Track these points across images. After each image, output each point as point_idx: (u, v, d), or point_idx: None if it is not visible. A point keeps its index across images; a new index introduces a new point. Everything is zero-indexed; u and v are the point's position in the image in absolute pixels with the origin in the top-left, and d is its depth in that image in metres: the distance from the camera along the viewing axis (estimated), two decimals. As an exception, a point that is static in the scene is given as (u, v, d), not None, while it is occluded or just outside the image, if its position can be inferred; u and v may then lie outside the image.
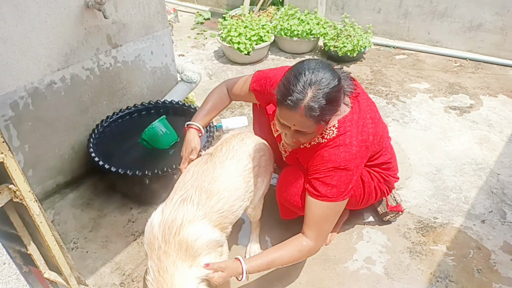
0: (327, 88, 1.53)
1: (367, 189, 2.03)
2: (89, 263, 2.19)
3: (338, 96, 1.61)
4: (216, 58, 4.37)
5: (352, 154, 1.73)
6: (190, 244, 1.58)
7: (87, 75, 2.53)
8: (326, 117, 1.60)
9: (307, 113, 1.54)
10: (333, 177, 1.72)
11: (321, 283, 2.05)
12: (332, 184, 1.73)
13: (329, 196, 1.73)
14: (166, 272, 1.53)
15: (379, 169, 2.05)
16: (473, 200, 2.49)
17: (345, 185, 1.74)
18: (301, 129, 1.63)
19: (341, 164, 1.72)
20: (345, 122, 1.76)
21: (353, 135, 1.75)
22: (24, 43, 2.12)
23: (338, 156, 1.73)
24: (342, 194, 1.75)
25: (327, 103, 1.54)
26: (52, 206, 2.54)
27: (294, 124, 1.61)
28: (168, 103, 2.83)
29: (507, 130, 3.09)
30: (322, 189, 1.74)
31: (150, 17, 2.77)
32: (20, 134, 2.30)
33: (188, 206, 1.67)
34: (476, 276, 2.06)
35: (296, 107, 1.54)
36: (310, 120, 1.56)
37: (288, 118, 1.61)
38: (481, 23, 3.97)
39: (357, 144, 1.74)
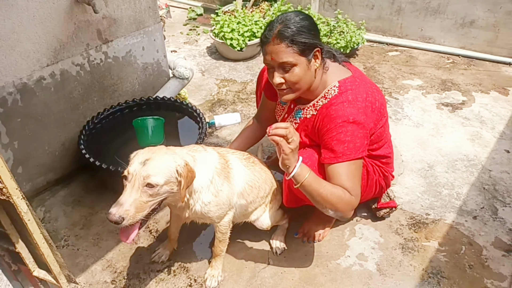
0: (296, 18, 1.72)
1: (370, 181, 2.03)
2: (80, 261, 2.17)
3: (309, 25, 1.74)
4: (208, 54, 4.34)
5: (358, 108, 1.75)
6: None
7: (77, 71, 2.50)
8: (298, 40, 1.69)
9: (278, 38, 1.69)
10: (347, 132, 1.73)
11: (313, 279, 2.04)
12: (347, 140, 1.73)
13: (347, 153, 1.73)
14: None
15: (380, 163, 2.07)
16: (465, 196, 2.50)
17: (360, 140, 1.74)
18: (279, 58, 1.71)
19: (349, 118, 1.73)
20: (346, 82, 1.82)
21: (357, 93, 1.79)
22: (12, 38, 2.09)
23: (345, 110, 1.75)
24: (359, 149, 1.75)
25: (297, 29, 1.69)
26: (43, 203, 2.51)
27: (272, 57, 1.73)
28: (160, 100, 2.81)
29: (499, 127, 3.10)
30: (339, 148, 1.74)
31: (141, 12, 2.74)
32: (9, 130, 2.26)
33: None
34: (468, 272, 2.06)
35: (269, 38, 1.72)
36: (282, 44, 1.69)
37: (266, 53, 1.75)
38: (474, 20, 3.98)
39: (362, 101, 1.77)
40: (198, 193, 1.76)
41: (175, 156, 1.63)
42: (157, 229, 2.34)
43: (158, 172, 1.54)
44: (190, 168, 1.63)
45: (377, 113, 1.83)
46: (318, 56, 1.79)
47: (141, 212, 1.54)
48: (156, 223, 2.37)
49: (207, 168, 1.78)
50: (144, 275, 2.09)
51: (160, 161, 1.57)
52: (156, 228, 2.34)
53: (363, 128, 1.75)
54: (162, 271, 2.10)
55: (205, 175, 1.76)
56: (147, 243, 2.26)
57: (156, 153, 1.60)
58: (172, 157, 1.61)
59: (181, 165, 1.60)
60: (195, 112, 2.69)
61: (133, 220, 1.52)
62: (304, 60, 1.74)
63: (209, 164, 1.80)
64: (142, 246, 2.24)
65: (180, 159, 1.63)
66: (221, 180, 1.82)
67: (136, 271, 2.11)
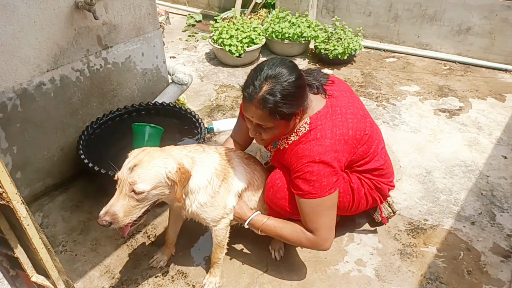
0: (284, 83, 1.62)
1: (357, 195, 2.00)
2: (78, 266, 2.16)
3: (297, 92, 1.68)
4: (207, 60, 4.36)
5: (325, 146, 1.73)
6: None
7: (77, 77, 2.51)
8: (281, 110, 1.64)
9: (261, 104, 1.63)
10: (312, 173, 1.72)
11: (312, 285, 2.04)
12: (312, 179, 1.73)
13: (313, 192, 1.73)
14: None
15: (371, 175, 2.02)
16: (462, 202, 2.51)
17: (326, 179, 1.73)
18: (259, 121, 1.71)
19: (315, 158, 1.72)
20: (317, 118, 1.79)
21: (326, 129, 1.76)
22: (12, 43, 2.10)
23: (311, 150, 1.74)
24: (326, 188, 1.74)
25: (283, 97, 1.62)
26: (41, 208, 2.51)
27: (252, 116, 1.70)
28: (159, 105, 2.81)
29: (496, 133, 3.12)
30: (304, 186, 1.75)
31: (141, 19, 2.76)
32: (9, 135, 2.26)
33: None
34: (466, 277, 2.07)
35: (252, 99, 1.64)
36: (264, 112, 1.65)
37: (247, 110, 1.71)
38: (470, 27, 4.01)
39: (331, 137, 1.75)
40: (195, 193, 1.77)
41: (167, 160, 1.62)
42: (155, 234, 2.34)
43: (145, 179, 1.55)
44: (184, 170, 1.64)
45: (351, 143, 1.81)
46: (299, 114, 1.77)
47: (129, 215, 1.56)
48: (154, 229, 2.37)
49: (206, 169, 1.79)
50: (142, 280, 2.08)
51: (148, 167, 1.57)
52: (155, 234, 2.34)
53: (330, 167, 1.74)
54: (160, 277, 2.10)
55: (204, 176, 1.78)
56: (145, 248, 2.25)
57: (148, 156, 1.60)
58: (163, 162, 1.60)
59: (172, 170, 1.59)
60: (193, 118, 2.70)
61: (121, 224, 1.55)
62: (283, 123, 1.72)
63: (208, 165, 1.82)
64: (140, 252, 2.24)
65: (173, 162, 1.62)
66: (219, 181, 1.84)
67: (134, 276, 2.10)
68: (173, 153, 1.70)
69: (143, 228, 2.37)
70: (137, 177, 1.54)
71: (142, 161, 1.57)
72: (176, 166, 1.61)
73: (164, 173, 1.59)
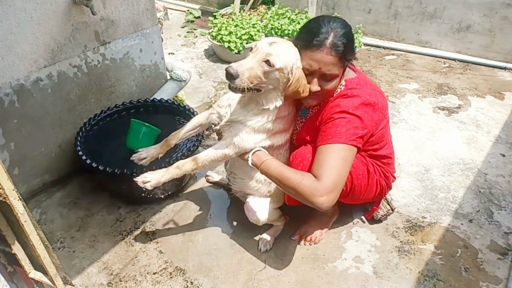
0: (345, 29, 1.73)
1: (371, 181, 2.03)
2: (76, 263, 2.16)
3: (353, 40, 1.79)
4: (206, 56, 4.35)
5: (359, 103, 1.78)
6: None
7: (74, 72, 2.49)
8: (347, 55, 1.73)
9: (333, 49, 1.69)
10: (343, 119, 1.75)
11: (310, 282, 2.05)
12: (341, 124, 1.74)
13: (337, 136, 1.73)
14: None
15: (381, 163, 2.07)
16: (460, 200, 2.51)
17: (354, 130, 1.74)
18: (327, 69, 1.73)
19: (349, 109, 1.76)
20: (352, 82, 1.85)
21: (360, 92, 1.81)
22: (9, 39, 2.09)
23: (346, 102, 1.78)
24: (351, 137, 1.73)
25: (347, 42, 1.72)
26: (39, 205, 2.50)
27: (320, 66, 1.72)
28: (158, 102, 2.80)
29: (495, 131, 3.12)
30: (331, 130, 1.75)
31: (139, 14, 2.74)
32: (6, 131, 2.25)
33: None
34: (464, 275, 2.07)
35: (322, 45, 1.69)
36: (335, 57, 1.70)
37: (315, 60, 1.72)
38: (470, 25, 4.01)
39: (364, 100, 1.79)
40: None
41: (298, 56, 1.75)
42: (154, 231, 2.33)
43: (279, 55, 1.69)
44: (303, 75, 1.75)
45: (378, 113, 1.85)
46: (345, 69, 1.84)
47: (248, 81, 1.66)
48: (152, 225, 2.37)
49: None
50: (140, 277, 2.08)
51: (285, 49, 1.72)
52: (153, 231, 2.33)
53: (360, 121, 1.76)
54: (158, 273, 2.10)
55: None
56: (143, 245, 2.25)
57: (284, 43, 1.76)
58: (295, 55, 1.74)
59: (297, 64, 1.73)
60: (192, 115, 2.69)
61: (242, 84, 1.65)
62: (342, 73, 1.80)
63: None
64: (138, 248, 2.24)
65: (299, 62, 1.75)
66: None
67: (132, 273, 2.10)
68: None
69: (141, 225, 2.36)
70: (274, 51, 1.69)
71: (280, 42, 1.74)
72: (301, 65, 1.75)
73: (292, 62, 1.72)
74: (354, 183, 1.96)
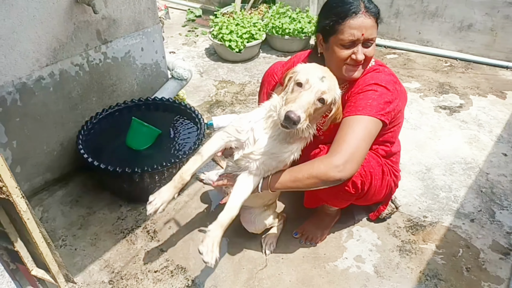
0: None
1: (384, 181, 2.02)
2: (78, 261, 2.17)
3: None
4: (207, 55, 4.35)
5: (390, 79, 1.80)
6: None
7: (76, 71, 2.50)
8: (380, 16, 1.78)
9: (369, 11, 1.73)
10: (375, 92, 1.75)
11: (311, 281, 2.05)
12: (372, 97, 1.74)
13: (368, 109, 1.72)
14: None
15: (391, 162, 2.08)
16: (462, 199, 2.51)
17: (384, 103, 1.75)
18: (369, 33, 1.74)
19: (382, 82, 1.77)
20: (379, 62, 1.90)
21: (390, 72, 1.85)
22: (11, 37, 2.09)
23: (379, 76, 1.80)
24: (380, 110, 1.73)
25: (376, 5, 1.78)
26: (41, 203, 2.51)
27: (363, 32, 1.72)
28: (159, 100, 2.81)
29: (496, 130, 3.12)
30: (362, 102, 1.75)
31: (140, 13, 2.75)
32: (8, 130, 2.26)
33: None
34: (465, 274, 2.07)
35: (359, 11, 1.71)
36: (373, 19, 1.74)
37: (356, 27, 1.72)
38: (472, 24, 4.00)
39: (395, 77, 1.83)
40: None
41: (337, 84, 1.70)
42: (155, 229, 2.34)
43: (331, 90, 1.63)
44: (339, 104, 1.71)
45: (404, 95, 1.89)
46: None
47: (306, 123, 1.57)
48: (153, 224, 2.37)
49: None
50: (141, 275, 2.09)
51: (333, 82, 1.66)
52: (154, 229, 2.34)
53: (392, 95, 1.77)
54: (159, 271, 2.10)
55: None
56: (144, 243, 2.26)
57: (331, 75, 1.68)
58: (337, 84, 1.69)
59: (339, 94, 1.68)
60: (193, 113, 2.70)
61: (301, 127, 1.54)
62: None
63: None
64: (140, 246, 2.24)
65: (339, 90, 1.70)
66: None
67: (134, 271, 2.11)
68: None
69: (143, 223, 2.37)
70: (328, 87, 1.61)
71: (330, 76, 1.67)
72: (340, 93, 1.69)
73: (338, 94, 1.68)
74: (372, 182, 1.92)
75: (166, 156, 2.37)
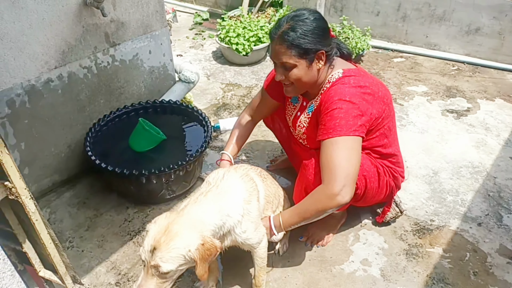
0: (305, 19, 1.76)
1: (381, 182, 2.03)
2: (85, 262, 2.18)
3: (316, 30, 1.78)
4: (214, 58, 4.36)
5: (356, 91, 1.78)
6: None
7: (84, 74, 2.52)
8: (300, 45, 1.74)
9: (280, 38, 1.76)
10: (341, 109, 1.74)
11: (317, 284, 2.04)
12: (339, 116, 1.74)
13: (338, 129, 1.72)
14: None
15: (389, 162, 2.07)
16: (469, 203, 2.49)
17: (353, 120, 1.73)
18: (279, 59, 1.79)
19: (346, 96, 1.76)
20: (350, 71, 1.87)
21: (359, 80, 1.82)
22: (21, 40, 2.11)
23: (343, 89, 1.78)
24: (351, 128, 1.73)
25: (303, 32, 1.74)
26: (48, 204, 2.52)
27: (273, 55, 1.82)
28: (166, 103, 2.82)
29: (504, 134, 3.10)
30: (330, 124, 1.75)
31: (148, 16, 2.77)
32: (16, 131, 2.28)
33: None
34: (472, 278, 2.06)
35: (275, 36, 1.79)
36: (283, 46, 1.75)
37: (272, 52, 1.83)
38: (479, 27, 3.99)
39: (363, 87, 1.80)
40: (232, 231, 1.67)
41: (188, 237, 1.46)
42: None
43: (167, 261, 1.43)
44: (209, 245, 1.47)
45: (379, 102, 1.84)
46: (322, 58, 1.82)
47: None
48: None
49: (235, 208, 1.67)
50: (148, 277, 2.09)
51: (167, 250, 1.43)
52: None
53: (358, 109, 1.75)
54: (166, 274, 2.10)
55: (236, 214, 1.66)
56: (151, 245, 2.26)
57: (165, 236, 1.45)
58: (182, 241, 1.45)
59: (192, 249, 1.44)
60: (200, 116, 2.70)
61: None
62: (303, 62, 1.79)
63: (236, 202, 1.69)
64: (147, 248, 2.25)
65: (195, 238, 1.47)
66: (253, 205, 1.74)
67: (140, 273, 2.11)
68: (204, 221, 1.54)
69: (149, 225, 2.37)
70: (159, 261, 1.43)
71: (160, 242, 1.44)
72: (198, 243, 1.45)
73: (185, 253, 1.44)
74: (367, 186, 1.95)
75: (173, 159, 2.38)
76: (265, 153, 2.94)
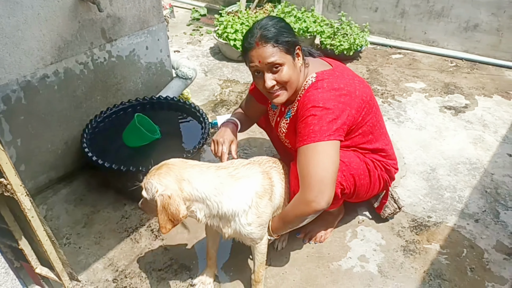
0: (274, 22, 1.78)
1: (372, 178, 2.02)
2: (82, 259, 2.17)
3: (288, 26, 1.82)
4: (212, 54, 4.35)
5: (330, 95, 1.76)
6: None
7: (80, 69, 2.50)
8: (282, 39, 1.74)
9: (262, 40, 1.73)
10: (315, 116, 1.73)
11: (314, 280, 2.04)
12: (313, 123, 1.72)
13: (312, 136, 1.71)
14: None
15: (379, 156, 2.06)
16: (467, 200, 2.50)
17: (327, 125, 1.71)
18: (268, 60, 1.74)
19: (319, 103, 1.74)
20: (324, 73, 1.84)
21: (333, 82, 1.80)
22: (16, 35, 2.10)
23: (316, 96, 1.76)
24: (325, 133, 1.71)
25: (279, 29, 1.75)
26: (45, 201, 2.51)
27: (260, 60, 1.75)
28: (163, 99, 2.81)
29: (502, 130, 3.10)
30: (304, 130, 1.74)
31: (145, 12, 2.75)
32: (12, 128, 2.27)
33: None
34: (469, 274, 2.06)
35: (253, 43, 1.76)
36: (268, 46, 1.73)
37: (254, 59, 1.78)
38: (477, 24, 3.98)
39: (337, 89, 1.78)
40: (237, 219, 1.70)
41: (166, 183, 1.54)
42: (159, 228, 2.33)
43: (146, 188, 1.60)
44: (169, 200, 1.51)
45: (357, 100, 1.81)
46: (300, 54, 1.83)
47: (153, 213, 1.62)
48: (157, 222, 2.37)
49: (243, 195, 1.69)
50: (145, 274, 2.09)
51: (150, 179, 1.58)
52: (158, 228, 2.34)
53: (333, 113, 1.73)
54: (163, 270, 2.10)
55: (242, 201, 1.68)
56: (148, 242, 2.26)
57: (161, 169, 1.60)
58: (159, 182, 1.55)
59: (158, 192, 1.52)
60: (198, 112, 2.70)
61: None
62: (290, 58, 1.78)
63: (247, 191, 1.71)
64: (144, 245, 2.24)
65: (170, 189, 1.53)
66: (265, 201, 1.76)
67: (138, 270, 2.11)
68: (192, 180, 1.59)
69: (147, 222, 2.37)
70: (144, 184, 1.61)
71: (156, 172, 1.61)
72: (167, 193, 1.52)
73: (153, 190, 1.55)
74: (356, 184, 1.95)
75: (170, 155, 2.36)
76: (262, 150, 2.94)
